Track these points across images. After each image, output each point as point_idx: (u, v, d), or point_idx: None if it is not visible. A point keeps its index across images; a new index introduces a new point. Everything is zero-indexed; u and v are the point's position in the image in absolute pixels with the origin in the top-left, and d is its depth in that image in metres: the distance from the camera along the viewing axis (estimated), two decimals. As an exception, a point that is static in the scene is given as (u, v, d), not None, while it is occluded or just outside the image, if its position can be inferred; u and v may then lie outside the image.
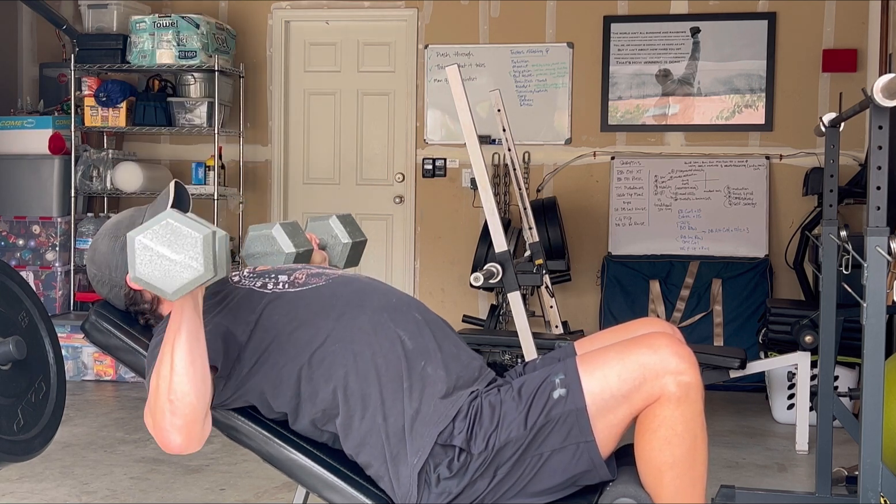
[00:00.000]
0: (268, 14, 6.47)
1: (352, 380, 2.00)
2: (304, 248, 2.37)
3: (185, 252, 1.72)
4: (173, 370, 1.80)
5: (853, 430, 3.17)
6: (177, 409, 1.80)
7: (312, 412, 2.03)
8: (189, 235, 1.72)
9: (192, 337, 1.81)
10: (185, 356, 1.80)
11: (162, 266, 1.72)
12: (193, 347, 1.81)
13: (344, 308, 2.06)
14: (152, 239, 1.72)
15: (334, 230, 2.54)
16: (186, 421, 1.81)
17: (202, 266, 1.72)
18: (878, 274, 2.16)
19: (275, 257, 2.34)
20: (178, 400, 1.80)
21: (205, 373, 1.83)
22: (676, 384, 1.85)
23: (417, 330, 2.06)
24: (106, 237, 2.20)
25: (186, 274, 1.72)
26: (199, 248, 1.72)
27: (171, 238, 1.72)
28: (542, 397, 1.92)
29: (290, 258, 2.34)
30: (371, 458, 2.00)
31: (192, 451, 1.85)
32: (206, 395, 1.84)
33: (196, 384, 1.81)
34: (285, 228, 2.36)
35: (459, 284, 6.20)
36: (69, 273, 5.97)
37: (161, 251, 1.72)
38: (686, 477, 1.88)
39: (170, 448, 1.83)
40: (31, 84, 6.65)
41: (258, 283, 2.14)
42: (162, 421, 1.81)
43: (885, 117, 2.14)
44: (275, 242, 2.34)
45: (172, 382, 1.80)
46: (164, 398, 1.80)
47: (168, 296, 1.73)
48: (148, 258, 1.72)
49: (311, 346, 2.02)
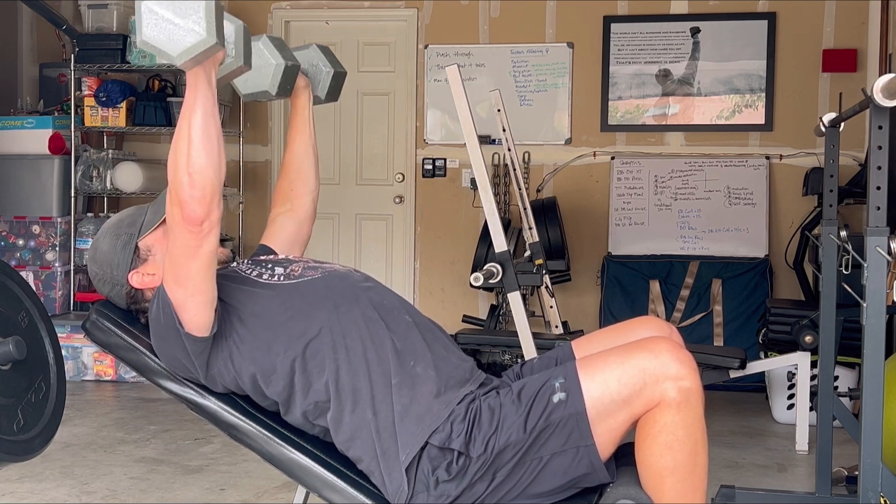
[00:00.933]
0: (268, 14, 6.48)
1: (343, 373, 2.01)
2: (291, 62, 2.33)
3: (189, 17, 1.76)
4: (190, 143, 1.84)
5: (853, 430, 3.17)
6: (195, 181, 1.85)
7: (304, 404, 2.04)
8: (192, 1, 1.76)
9: (206, 110, 1.85)
10: (200, 129, 1.84)
11: (167, 30, 1.76)
12: (209, 121, 1.85)
13: (339, 301, 2.07)
14: (158, 4, 1.76)
15: (315, 58, 2.50)
16: (205, 193, 1.85)
17: (205, 31, 1.75)
18: (878, 274, 2.16)
19: (263, 70, 2.30)
20: (197, 173, 1.85)
21: (220, 147, 1.88)
22: (677, 389, 1.85)
23: (407, 331, 2.07)
24: (107, 236, 2.21)
25: (190, 38, 1.76)
26: (202, 12, 1.76)
27: (175, 3, 1.76)
28: (542, 401, 1.92)
29: (278, 70, 2.30)
30: (362, 453, 2.01)
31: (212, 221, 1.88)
32: (222, 168, 1.89)
33: (212, 158, 1.86)
34: (273, 41, 2.32)
35: (459, 284, 6.20)
36: (69, 273, 5.97)
37: (166, 15, 1.76)
38: (687, 482, 1.88)
39: (192, 219, 1.86)
40: (31, 84, 6.65)
41: (254, 272, 2.16)
42: (181, 193, 1.86)
43: (885, 117, 2.14)
44: (262, 54, 2.29)
45: (190, 155, 1.84)
46: (183, 171, 1.85)
47: (174, 59, 1.77)
48: (154, 21, 1.76)
49: (306, 337, 2.03)
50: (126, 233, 2.18)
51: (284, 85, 2.34)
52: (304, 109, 2.50)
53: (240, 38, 1.91)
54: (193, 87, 1.84)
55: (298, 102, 2.49)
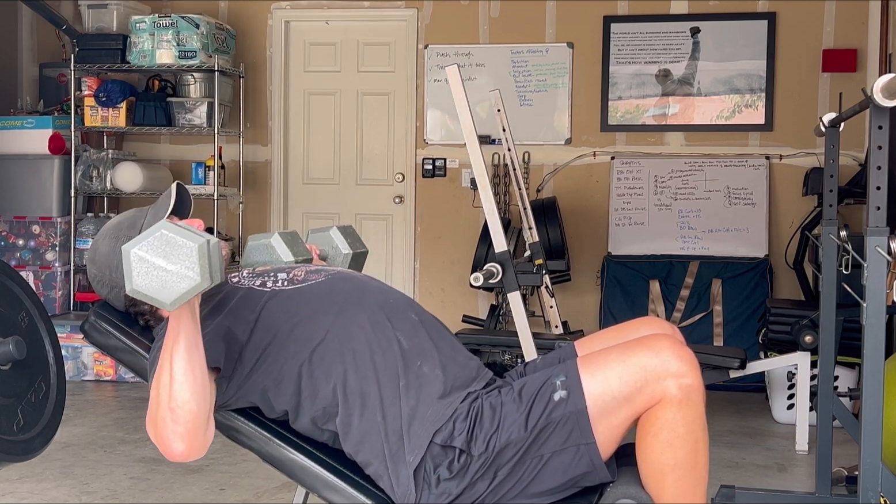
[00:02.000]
0: (268, 14, 6.47)
1: (351, 377, 2.00)
2: (302, 258, 2.37)
3: (182, 262, 1.72)
4: (173, 379, 1.81)
5: (853, 430, 3.17)
6: (178, 416, 1.81)
7: (313, 410, 2.03)
8: (184, 245, 1.73)
9: (190, 344, 1.82)
10: (183, 364, 1.81)
11: (159, 277, 1.73)
12: (192, 354, 1.82)
13: (343, 304, 2.06)
14: (148, 251, 1.73)
15: (335, 241, 2.54)
16: (188, 428, 1.82)
17: (198, 275, 1.73)
18: (878, 274, 2.16)
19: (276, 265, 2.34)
20: (179, 408, 1.81)
21: (204, 379, 1.84)
22: (678, 387, 1.85)
23: (413, 330, 2.06)
24: (107, 238, 2.20)
25: (183, 284, 1.73)
26: (195, 257, 1.73)
27: (166, 249, 1.73)
28: (543, 399, 1.92)
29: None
30: (371, 457, 2.00)
31: (195, 458, 1.86)
32: (207, 402, 1.85)
33: (196, 391, 1.82)
34: (284, 238, 2.36)
35: (459, 284, 6.20)
36: (69, 273, 5.97)
37: (157, 262, 1.73)
38: (688, 479, 1.88)
39: (173, 456, 1.84)
40: (31, 84, 6.65)
41: (257, 281, 2.14)
42: (164, 430, 1.83)
43: (885, 117, 2.14)
44: (273, 252, 2.34)
45: (172, 391, 1.81)
46: (164, 407, 1.82)
47: (166, 306, 1.74)
48: (145, 270, 1.73)
49: (312, 342, 2.02)
50: (126, 235, 2.18)
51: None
52: None
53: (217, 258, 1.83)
54: (177, 320, 1.81)
55: None
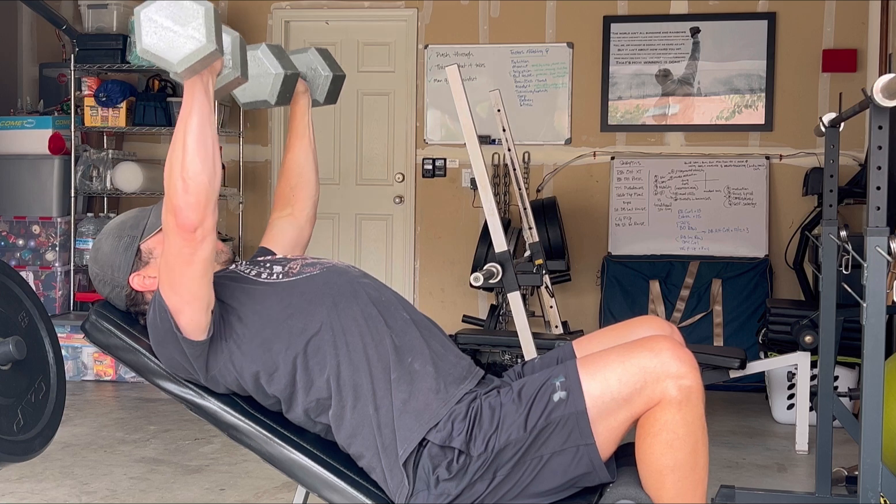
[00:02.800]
0: (268, 14, 6.48)
1: (344, 369, 2.01)
2: (290, 71, 2.33)
3: (189, 23, 1.77)
4: (185, 150, 1.86)
5: (853, 430, 3.17)
6: (189, 187, 1.86)
7: (306, 401, 2.04)
8: (191, 8, 1.77)
9: (202, 119, 1.86)
10: (196, 136, 1.85)
11: (166, 37, 1.77)
12: (205, 128, 1.86)
13: (337, 297, 2.07)
14: (157, 11, 1.78)
15: (314, 62, 2.50)
16: (199, 199, 1.86)
17: (205, 37, 1.77)
18: (878, 274, 2.16)
19: (262, 79, 2.30)
20: (191, 179, 1.86)
21: (216, 154, 1.89)
22: (677, 388, 1.85)
23: (405, 328, 2.08)
24: (109, 237, 2.21)
25: (190, 45, 1.77)
26: (202, 19, 1.77)
27: (175, 11, 1.77)
28: (543, 400, 1.92)
29: (277, 80, 2.30)
30: (363, 449, 2.01)
31: (205, 231, 1.88)
32: (217, 175, 1.90)
33: (207, 164, 1.87)
34: (272, 49, 2.32)
35: (459, 284, 6.20)
36: (69, 273, 5.97)
37: (165, 23, 1.77)
38: (687, 480, 1.88)
39: (185, 226, 1.87)
40: (31, 84, 6.65)
41: (253, 272, 2.17)
42: (176, 199, 1.87)
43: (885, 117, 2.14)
44: (262, 63, 2.30)
45: (185, 161, 1.86)
46: (177, 176, 1.86)
47: (174, 66, 1.78)
48: (153, 30, 1.78)
49: (306, 333, 2.03)
50: (128, 235, 2.18)
51: (284, 94, 2.34)
52: (303, 114, 2.50)
53: (237, 50, 1.92)
54: (190, 95, 1.86)
55: (298, 107, 2.49)
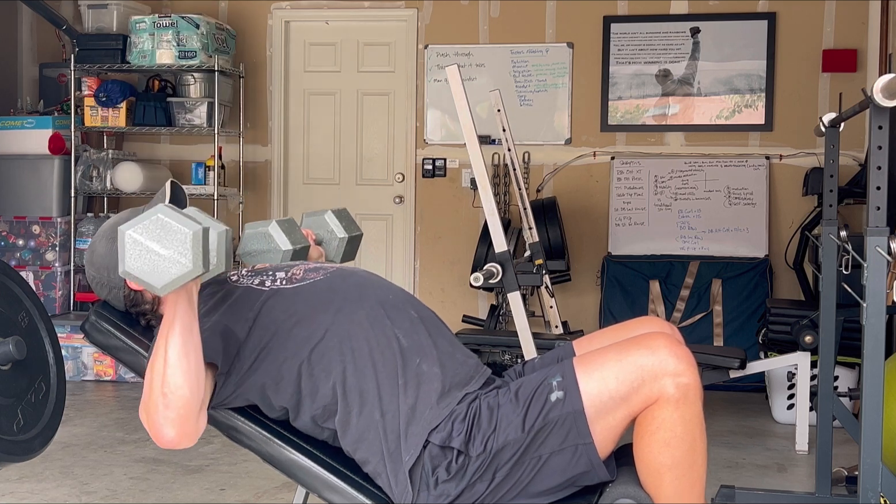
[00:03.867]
0: (268, 14, 6.47)
1: (350, 375, 2.00)
2: (300, 245, 2.36)
3: (174, 248, 1.73)
4: (167, 363, 1.81)
5: (853, 430, 3.17)
6: (170, 402, 1.82)
7: (313, 408, 2.03)
8: (179, 231, 1.73)
9: (185, 330, 1.82)
10: (178, 349, 1.82)
11: (151, 261, 1.73)
12: (187, 341, 1.83)
13: (342, 303, 2.06)
14: (142, 233, 1.74)
15: (329, 225, 2.53)
16: (179, 414, 1.82)
17: (191, 262, 1.73)
18: (878, 274, 2.16)
19: (272, 255, 2.34)
20: (172, 393, 1.81)
21: (199, 367, 1.84)
22: (675, 386, 1.85)
23: (412, 327, 2.07)
24: (104, 239, 2.20)
25: (175, 269, 1.73)
26: (189, 244, 1.73)
27: (160, 233, 1.73)
28: (540, 400, 1.92)
29: (286, 255, 2.33)
30: (369, 455, 2.00)
31: (185, 445, 1.86)
32: (200, 390, 1.85)
33: (189, 377, 1.82)
34: (282, 225, 2.35)
35: (459, 284, 6.20)
36: (69, 273, 5.97)
37: (150, 246, 1.73)
38: (686, 478, 1.88)
39: (163, 442, 1.84)
40: (31, 84, 6.65)
41: (256, 280, 2.14)
42: (155, 414, 1.83)
43: (885, 117, 2.14)
44: (272, 240, 2.33)
45: (166, 375, 1.81)
46: (157, 391, 1.82)
47: (157, 290, 1.75)
48: (138, 252, 1.73)
49: (311, 341, 2.02)
50: None
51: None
52: None
53: (222, 246, 1.89)
54: (173, 306, 1.83)
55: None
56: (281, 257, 2.33)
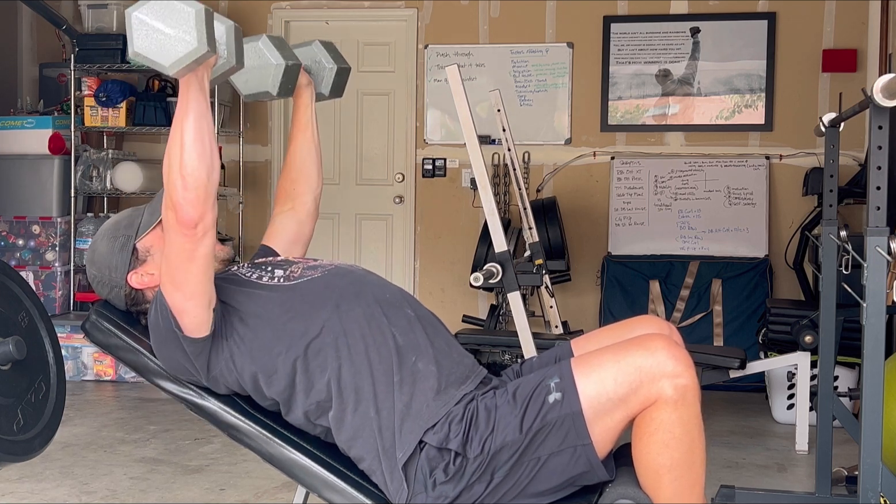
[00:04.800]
0: (268, 14, 6.48)
1: (345, 372, 2.01)
2: (292, 62, 2.32)
3: (179, 26, 1.76)
4: (183, 147, 1.86)
5: (853, 430, 3.17)
6: (188, 183, 1.87)
7: (306, 404, 2.04)
8: (182, 10, 1.77)
9: (198, 115, 1.87)
10: (193, 133, 1.86)
11: (158, 40, 1.77)
12: (201, 125, 1.87)
13: (339, 300, 2.07)
14: (148, 14, 1.77)
15: (318, 55, 2.49)
16: (198, 195, 1.87)
17: (195, 39, 1.76)
18: (878, 274, 2.16)
19: (263, 71, 2.29)
20: (189, 175, 1.86)
21: (213, 150, 1.90)
22: (673, 387, 1.85)
23: (409, 326, 2.07)
24: (105, 238, 2.20)
25: (181, 47, 1.76)
26: (192, 21, 1.76)
27: (165, 13, 1.77)
28: (538, 401, 1.92)
29: (278, 71, 2.29)
30: (364, 452, 2.01)
31: (206, 224, 1.90)
32: (215, 171, 1.90)
33: (205, 160, 1.87)
34: (273, 41, 2.32)
35: (459, 284, 6.20)
36: (69, 273, 5.97)
37: (156, 25, 1.77)
38: (684, 479, 1.88)
39: (186, 221, 1.88)
40: (31, 84, 6.65)
41: (254, 275, 2.15)
42: (175, 195, 1.88)
43: (885, 117, 2.14)
44: (262, 54, 2.29)
45: (183, 158, 1.86)
46: (176, 174, 1.87)
47: (166, 69, 1.78)
48: (145, 32, 1.77)
49: (307, 336, 2.03)
50: (123, 234, 2.18)
51: (286, 85, 2.33)
52: (307, 107, 2.49)
53: (231, 39, 1.92)
54: (185, 92, 1.87)
55: (301, 101, 2.49)
56: (273, 73, 2.29)
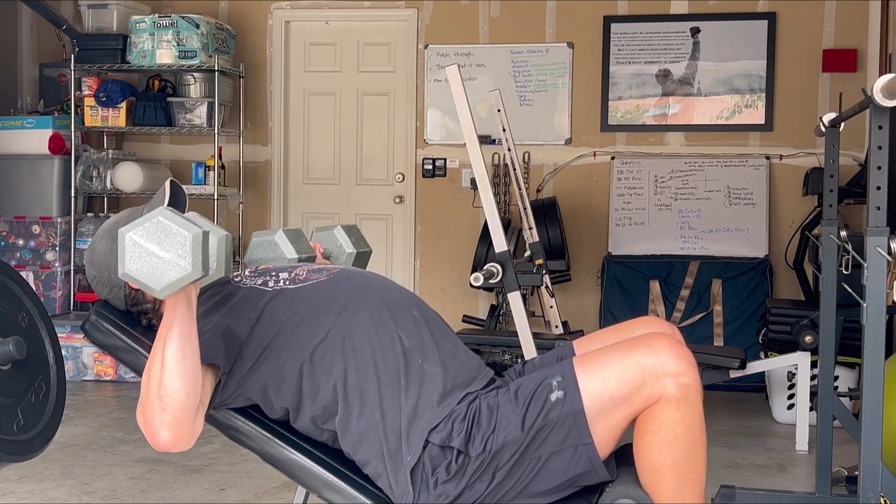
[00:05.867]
0: (268, 14, 6.47)
1: (351, 375, 2.00)
2: (306, 255, 2.37)
3: (174, 250, 1.73)
4: (164, 367, 1.82)
5: (853, 430, 3.17)
6: (166, 405, 1.82)
7: (313, 409, 2.03)
8: (178, 234, 1.74)
9: (183, 334, 1.83)
10: (175, 353, 1.82)
11: (150, 263, 1.74)
12: (185, 344, 1.83)
13: (345, 304, 2.06)
14: (143, 236, 1.74)
15: (339, 240, 2.54)
16: (175, 417, 1.83)
17: (190, 265, 1.73)
18: (878, 274, 2.16)
19: (277, 263, 2.34)
20: (168, 396, 1.82)
21: (195, 371, 1.85)
22: (676, 386, 1.84)
23: (415, 327, 2.06)
24: (104, 238, 2.20)
25: (174, 272, 1.74)
26: (188, 246, 1.73)
27: (161, 236, 1.74)
28: (540, 400, 1.91)
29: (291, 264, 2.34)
30: (369, 456, 2.00)
31: (181, 448, 1.86)
32: (196, 393, 1.86)
33: (186, 381, 1.83)
34: (288, 235, 2.36)
35: (459, 284, 6.20)
36: (69, 273, 5.97)
37: (150, 248, 1.74)
38: (686, 478, 1.88)
39: (158, 445, 1.85)
40: (31, 84, 6.65)
41: (259, 280, 2.14)
42: (152, 417, 1.83)
43: (885, 117, 2.14)
44: (277, 248, 2.34)
45: (163, 379, 1.82)
46: (154, 394, 1.82)
47: (156, 293, 1.75)
48: (137, 255, 1.74)
49: (313, 341, 2.02)
50: None
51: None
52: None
53: (222, 251, 1.91)
54: (172, 309, 1.83)
55: None
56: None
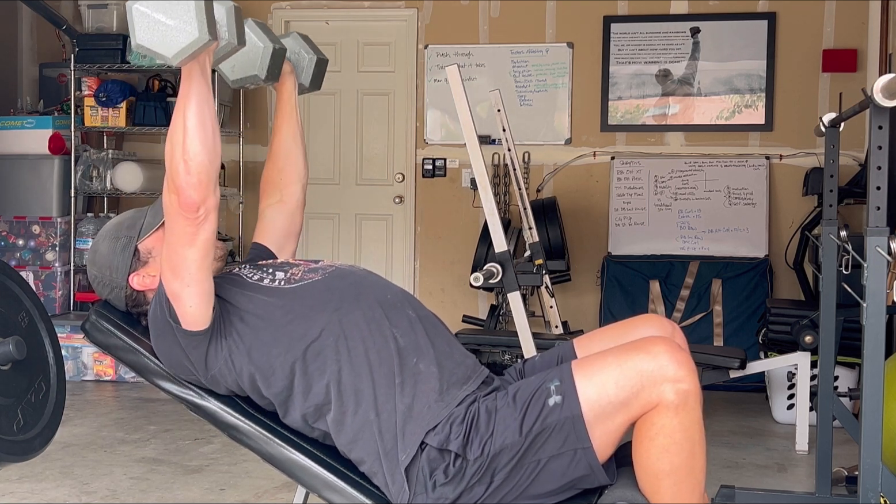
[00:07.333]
0: (268, 14, 6.47)
1: (345, 374, 2.00)
2: (278, 45, 2.33)
3: (180, 17, 1.79)
4: (186, 132, 1.88)
5: (853, 430, 3.17)
6: (191, 167, 1.88)
7: (304, 407, 2.03)
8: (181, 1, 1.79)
9: (201, 101, 1.89)
10: (195, 118, 1.88)
11: (160, 31, 1.80)
12: (203, 110, 1.89)
13: (339, 303, 2.06)
14: (148, 6, 1.80)
15: (298, 47, 2.50)
16: (200, 178, 1.89)
17: (197, 30, 1.79)
18: (878, 274, 2.16)
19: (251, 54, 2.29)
20: (191, 160, 1.88)
21: (215, 135, 1.92)
22: (675, 392, 1.84)
23: (410, 327, 2.07)
24: (106, 238, 2.20)
25: (182, 38, 1.79)
26: (192, 12, 1.79)
27: (166, 4, 1.79)
28: (538, 404, 1.91)
29: (266, 53, 2.29)
30: (364, 455, 2.00)
31: (206, 209, 1.91)
32: (217, 155, 1.92)
33: (207, 145, 1.89)
34: (258, 25, 2.32)
35: (459, 284, 6.20)
36: (69, 273, 5.97)
37: (157, 17, 1.79)
38: (684, 484, 1.87)
39: (188, 205, 1.90)
40: (31, 84, 6.65)
41: (255, 276, 2.15)
42: (178, 179, 1.89)
43: (885, 117, 2.14)
44: (249, 38, 2.28)
45: (186, 143, 1.88)
46: (178, 158, 1.89)
47: (169, 60, 1.81)
48: (146, 24, 1.80)
49: (306, 339, 2.02)
50: (126, 235, 2.18)
51: (273, 69, 2.34)
52: (290, 96, 2.49)
53: (231, 20, 1.94)
54: (188, 78, 1.89)
55: (284, 89, 2.48)
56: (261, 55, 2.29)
